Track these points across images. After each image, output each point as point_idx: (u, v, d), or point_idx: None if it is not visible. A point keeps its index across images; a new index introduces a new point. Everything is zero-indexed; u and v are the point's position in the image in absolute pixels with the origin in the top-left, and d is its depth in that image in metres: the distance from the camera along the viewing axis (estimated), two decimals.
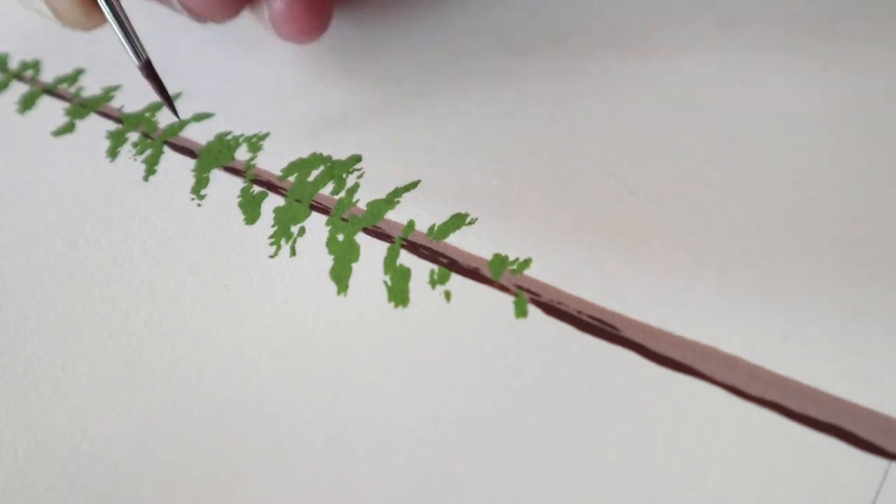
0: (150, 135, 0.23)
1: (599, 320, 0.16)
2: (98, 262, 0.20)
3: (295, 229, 0.19)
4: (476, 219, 0.18)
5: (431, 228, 0.18)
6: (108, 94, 0.25)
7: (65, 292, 0.20)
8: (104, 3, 0.19)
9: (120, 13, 0.19)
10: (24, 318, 0.19)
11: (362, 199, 0.19)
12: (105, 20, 0.19)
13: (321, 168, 0.21)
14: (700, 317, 0.15)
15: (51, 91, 0.26)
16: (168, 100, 0.21)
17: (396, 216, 0.19)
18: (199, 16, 0.20)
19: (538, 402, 0.15)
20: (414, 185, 0.19)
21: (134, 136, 0.23)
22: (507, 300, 0.17)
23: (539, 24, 0.23)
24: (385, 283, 0.18)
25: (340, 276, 0.18)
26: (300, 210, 0.20)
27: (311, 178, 0.20)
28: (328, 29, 0.20)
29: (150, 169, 0.22)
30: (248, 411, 0.16)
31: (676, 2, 0.22)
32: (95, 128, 0.24)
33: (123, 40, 0.19)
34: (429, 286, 0.17)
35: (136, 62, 0.20)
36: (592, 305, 0.16)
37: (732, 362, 0.15)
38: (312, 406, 0.16)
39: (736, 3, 0.22)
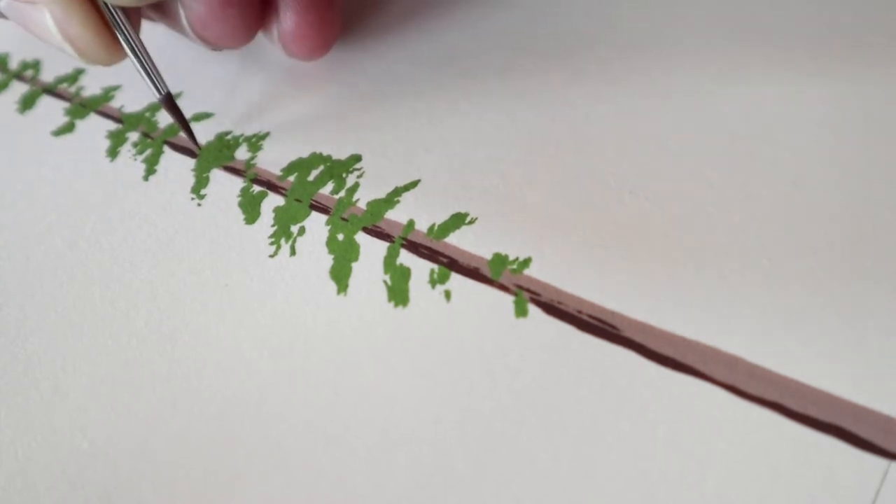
0: (150, 135, 0.23)
1: (599, 320, 0.16)
2: (98, 262, 0.20)
3: (295, 229, 0.19)
4: (476, 219, 0.18)
5: (431, 228, 0.18)
6: (108, 94, 0.25)
7: (65, 292, 0.20)
8: (124, 40, 0.19)
9: (139, 49, 0.19)
10: (24, 318, 0.19)
11: (362, 199, 0.19)
12: (125, 56, 0.19)
13: (321, 168, 0.21)
14: (700, 317, 0.15)
15: (51, 91, 0.26)
16: (188, 131, 0.22)
17: (396, 216, 0.19)
18: (214, 45, 0.20)
19: (538, 402, 0.15)
20: (414, 184, 0.19)
21: (134, 136, 0.23)
22: (507, 300, 0.17)
23: (539, 25, 0.23)
24: (385, 282, 0.18)
25: (340, 276, 0.18)
26: (300, 210, 0.20)
27: (311, 178, 0.20)
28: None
29: (150, 169, 0.22)
30: (248, 411, 0.16)
31: (676, 2, 0.22)
32: (95, 128, 0.24)
33: (144, 75, 0.20)
34: (429, 286, 0.17)
35: (157, 95, 0.20)
36: (592, 305, 0.16)
37: (732, 362, 0.15)
38: (312, 406, 0.16)
39: (736, 4, 0.22)
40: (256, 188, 0.21)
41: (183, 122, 0.21)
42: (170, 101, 0.21)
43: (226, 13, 0.19)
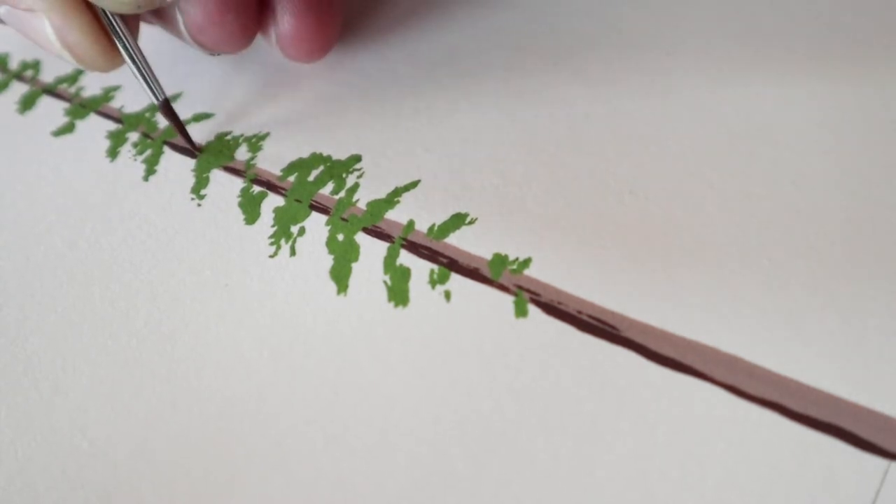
0: (150, 135, 0.23)
1: (599, 320, 0.16)
2: (98, 262, 0.20)
3: (295, 229, 0.19)
4: (476, 219, 0.18)
5: (431, 228, 0.18)
6: (108, 94, 0.25)
7: (65, 292, 0.20)
8: (122, 47, 0.19)
9: (137, 55, 0.19)
10: (24, 318, 0.19)
11: (362, 199, 0.19)
12: (123, 62, 0.20)
13: (321, 168, 0.21)
14: (700, 317, 0.15)
15: (51, 91, 0.26)
16: (186, 135, 0.22)
17: (396, 216, 0.19)
18: (212, 50, 0.20)
19: (538, 401, 0.15)
20: (414, 184, 0.19)
21: (134, 136, 0.23)
22: (507, 300, 0.17)
23: (539, 25, 0.23)
24: (385, 282, 0.18)
25: (340, 276, 0.18)
26: (300, 210, 0.20)
27: (311, 178, 0.20)
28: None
29: (150, 169, 0.22)
30: (248, 411, 0.16)
31: (677, 2, 0.22)
32: (95, 128, 0.24)
33: (142, 81, 0.20)
34: (429, 286, 0.17)
35: (155, 101, 0.21)
36: (592, 305, 0.16)
37: (732, 362, 0.15)
38: (312, 406, 0.16)
39: (736, 4, 0.22)
40: (256, 188, 0.21)
41: (180, 127, 0.21)
42: (167, 108, 0.21)
43: (223, 18, 0.19)
